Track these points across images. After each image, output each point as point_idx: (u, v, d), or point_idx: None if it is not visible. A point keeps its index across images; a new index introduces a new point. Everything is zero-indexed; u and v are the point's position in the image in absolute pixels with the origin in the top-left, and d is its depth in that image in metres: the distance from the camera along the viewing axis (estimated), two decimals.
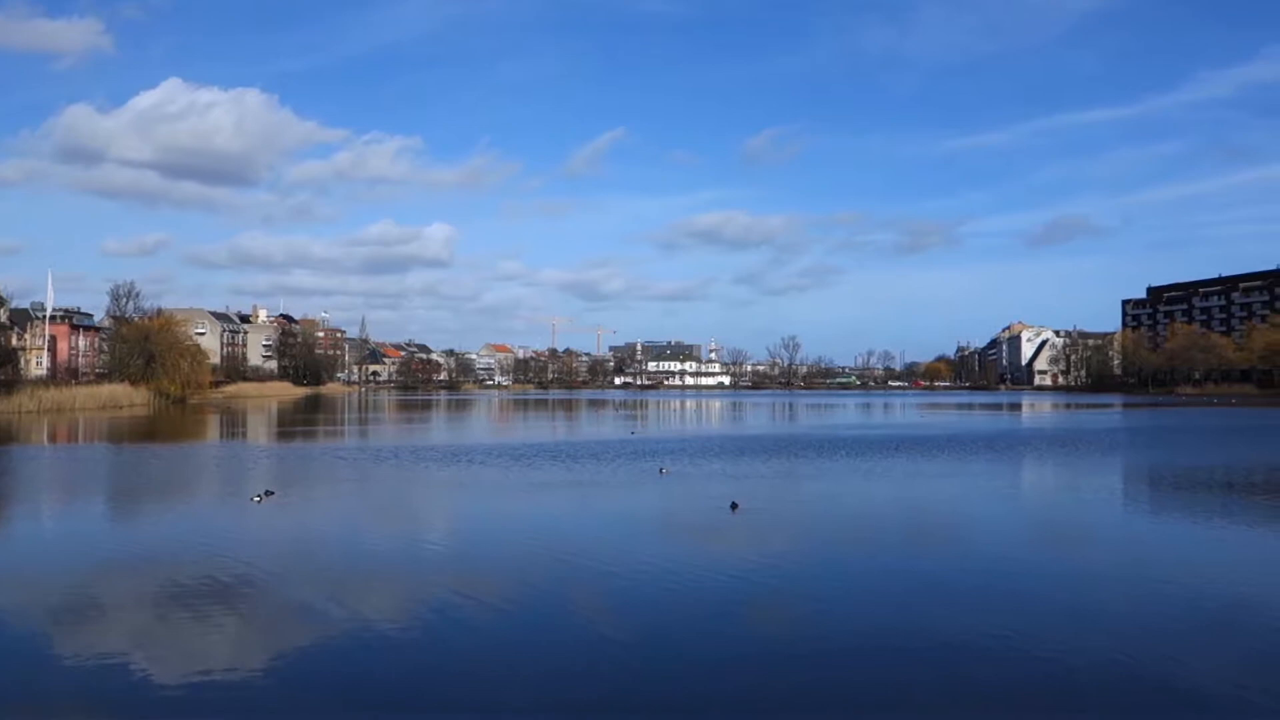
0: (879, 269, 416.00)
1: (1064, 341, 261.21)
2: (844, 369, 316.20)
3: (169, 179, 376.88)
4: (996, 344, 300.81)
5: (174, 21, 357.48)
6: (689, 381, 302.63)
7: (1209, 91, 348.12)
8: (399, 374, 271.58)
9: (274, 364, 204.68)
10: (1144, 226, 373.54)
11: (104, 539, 20.35)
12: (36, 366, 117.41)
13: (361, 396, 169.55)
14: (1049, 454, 42.36)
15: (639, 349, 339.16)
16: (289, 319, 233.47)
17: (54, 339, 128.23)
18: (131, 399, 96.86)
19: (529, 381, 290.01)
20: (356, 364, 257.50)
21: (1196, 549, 18.81)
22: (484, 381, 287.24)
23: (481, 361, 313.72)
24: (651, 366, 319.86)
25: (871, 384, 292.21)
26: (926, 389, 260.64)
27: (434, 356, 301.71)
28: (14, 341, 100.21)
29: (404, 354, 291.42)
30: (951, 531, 21.22)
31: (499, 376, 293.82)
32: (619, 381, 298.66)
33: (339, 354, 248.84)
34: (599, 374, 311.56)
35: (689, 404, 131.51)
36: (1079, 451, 43.02)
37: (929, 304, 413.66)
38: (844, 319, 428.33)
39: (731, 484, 28.38)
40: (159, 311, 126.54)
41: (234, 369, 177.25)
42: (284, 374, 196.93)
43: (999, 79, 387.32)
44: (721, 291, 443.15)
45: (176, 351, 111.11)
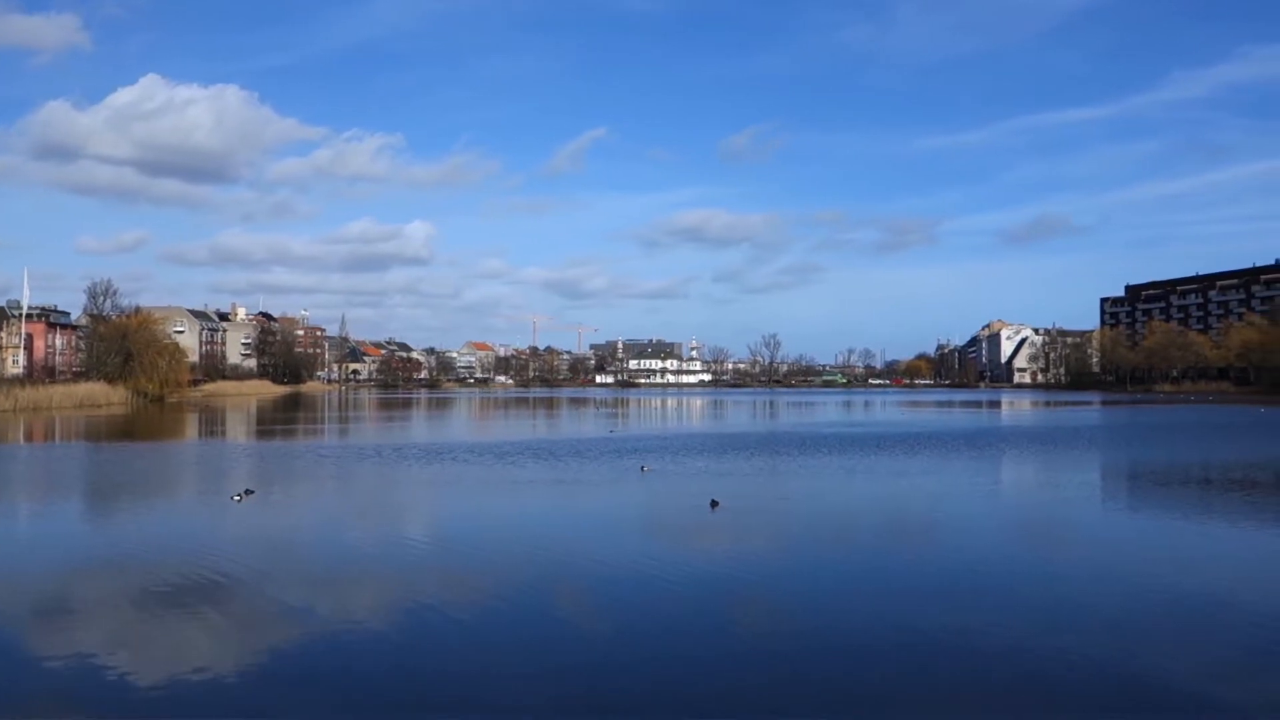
0: (860, 267, 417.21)
1: (1043, 339, 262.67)
2: (825, 367, 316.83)
3: (147, 176, 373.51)
4: (976, 342, 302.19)
5: (153, 18, 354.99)
6: (670, 380, 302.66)
7: (1186, 91, 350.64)
8: (379, 372, 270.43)
9: (253, 362, 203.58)
10: (1123, 225, 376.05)
11: (81, 539, 20.25)
12: (12, 365, 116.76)
13: (342, 395, 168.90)
14: (1028, 451, 42.66)
15: (620, 347, 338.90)
16: (268, 317, 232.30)
17: (30, 337, 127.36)
18: (109, 398, 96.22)
19: (510, 380, 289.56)
20: (336, 362, 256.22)
21: (1175, 546, 18.98)
22: (465, 380, 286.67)
23: (462, 360, 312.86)
24: (633, 365, 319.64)
25: (852, 382, 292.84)
26: (907, 387, 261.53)
27: (414, 355, 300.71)
28: None
29: (384, 352, 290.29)
30: (931, 529, 21.34)
31: (494, 376, 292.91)
32: (600, 380, 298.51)
33: (319, 352, 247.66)
34: (580, 372, 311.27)
35: (670, 402, 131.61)
36: (1058, 449, 43.33)
37: (909, 302, 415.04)
38: (825, 317, 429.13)
39: (712, 481, 28.45)
40: (137, 310, 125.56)
41: (213, 367, 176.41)
42: (263, 372, 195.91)
43: (979, 78, 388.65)
44: (703, 289, 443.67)
45: (154, 350, 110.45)
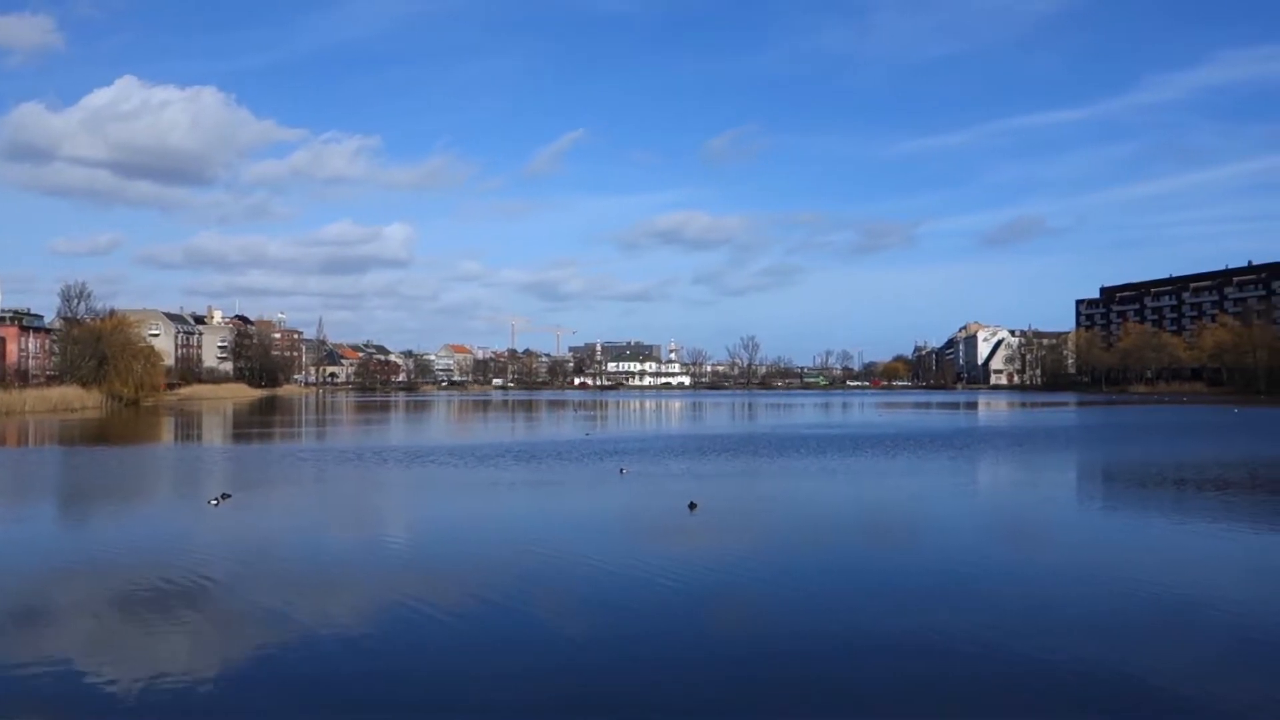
0: (838, 269, 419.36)
1: (1019, 341, 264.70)
2: (804, 369, 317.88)
3: (122, 178, 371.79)
4: (953, 343, 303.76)
5: (128, 19, 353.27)
6: (649, 382, 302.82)
7: (1161, 94, 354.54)
8: (357, 375, 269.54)
9: (229, 365, 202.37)
10: (1098, 227, 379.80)
11: (55, 544, 20.06)
12: None
13: (319, 398, 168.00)
14: (1006, 452, 42.92)
15: (599, 349, 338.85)
16: (245, 320, 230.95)
17: (2, 340, 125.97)
18: (83, 401, 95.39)
19: (488, 382, 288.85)
20: (314, 365, 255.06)
21: (1153, 546, 19.12)
22: (443, 382, 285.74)
23: (440, 362, 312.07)
24: (611, 367, 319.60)
25: (833, 383, 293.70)
26: (885, 388, 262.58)
27: (392, 358, 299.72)
28: None
29: (362, 355, 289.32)
30: (910, 530, 21.45)
31: (472, 378, 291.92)
32: (578, 382, 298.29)
33: (296, 355, 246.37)
34: (559, 374, 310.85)
35: (649, 404, 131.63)
36: (1035, 449, 43.65)
37: (887, 304, 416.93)
38: (803, 319, 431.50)
39: (691, 483, 28.49)
40: (111, 313, 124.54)
41: (189, 371, 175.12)
42: (240, 375, 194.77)
43: (956, 80, 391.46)
44: (681, 292, 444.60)
45: (129, 353, 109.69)
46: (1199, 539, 19.76)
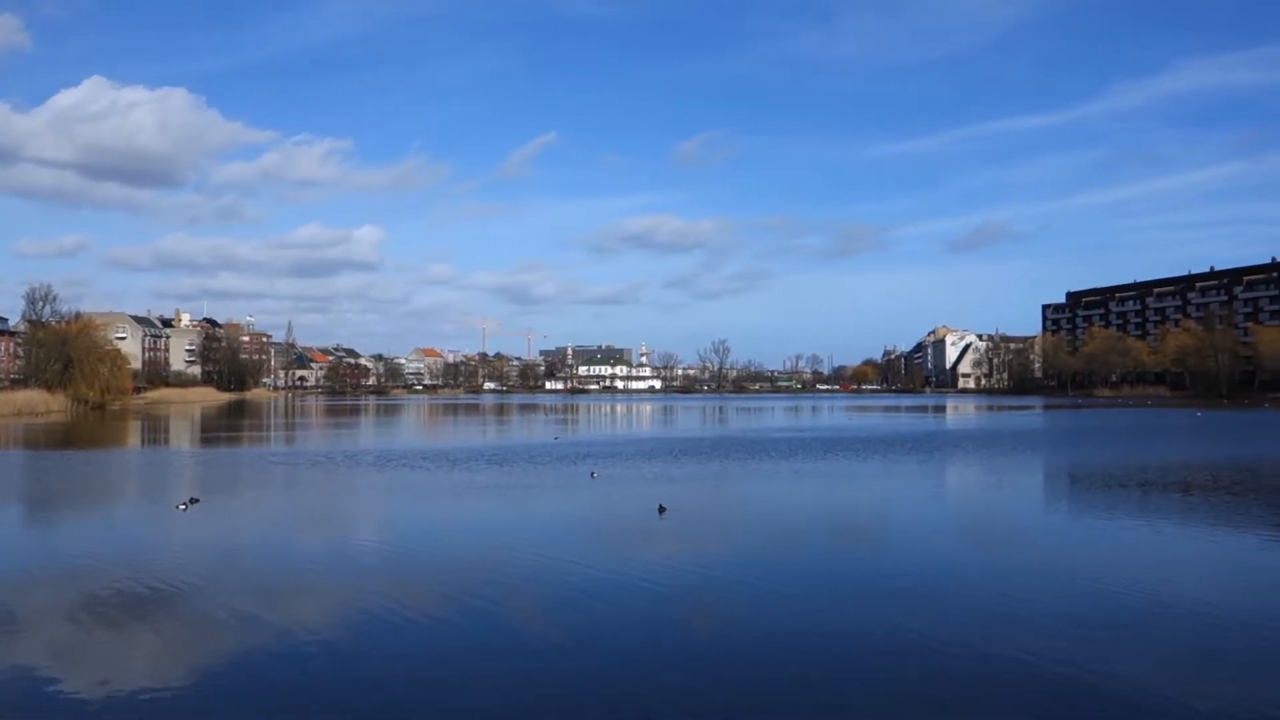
0: (808, 273, 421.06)
1: (987, 345, 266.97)
2: (774, 372, 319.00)
3: (90, 179, 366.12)
4: (922, 347, 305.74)
5: (97, 19, 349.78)
6: (619, 385, 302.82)
7: (1127, 102, 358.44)
8: (327, 379, 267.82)
9: (197, 369, 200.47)
10: (1064, 232, 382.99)
11: (19, 549, 19.87)
12: None
13: (288, 402, 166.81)
14: (974, 454, 43.33)
15: (570, 353, 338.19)
16: (213, 323, 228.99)
17: None
18: (48, 405, 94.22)
19: (458, 386, 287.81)
20: (283, 369, 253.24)
21: (1118, 547, 19.36)
22: (413, 386, 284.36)
23: (410, 366, 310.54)
24: (582, 371, 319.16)
25: (804, 387, 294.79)
26: (854, 392, 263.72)
27: (362, 361, 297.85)
28: None
29: (332, 359, 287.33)
30: (879, 532, 21.64)
31: (443, 382, 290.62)
32: (550, 386, 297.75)
33: (265, 359, 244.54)
34: (530, 378, 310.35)
35: (620, 408, 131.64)
36: (1003, 452, 44.07)
37: (857, 308, 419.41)
38: (773, 323, 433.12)
39: (662, 487, 28.58)
40: (77, 315, 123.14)
41: (156, 374, 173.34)
42: (208, 379, 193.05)
43: (927, 86, 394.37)
44: (653, 295, 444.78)
45: (95, 356, 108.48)
46: (1164, 541, 20.05)
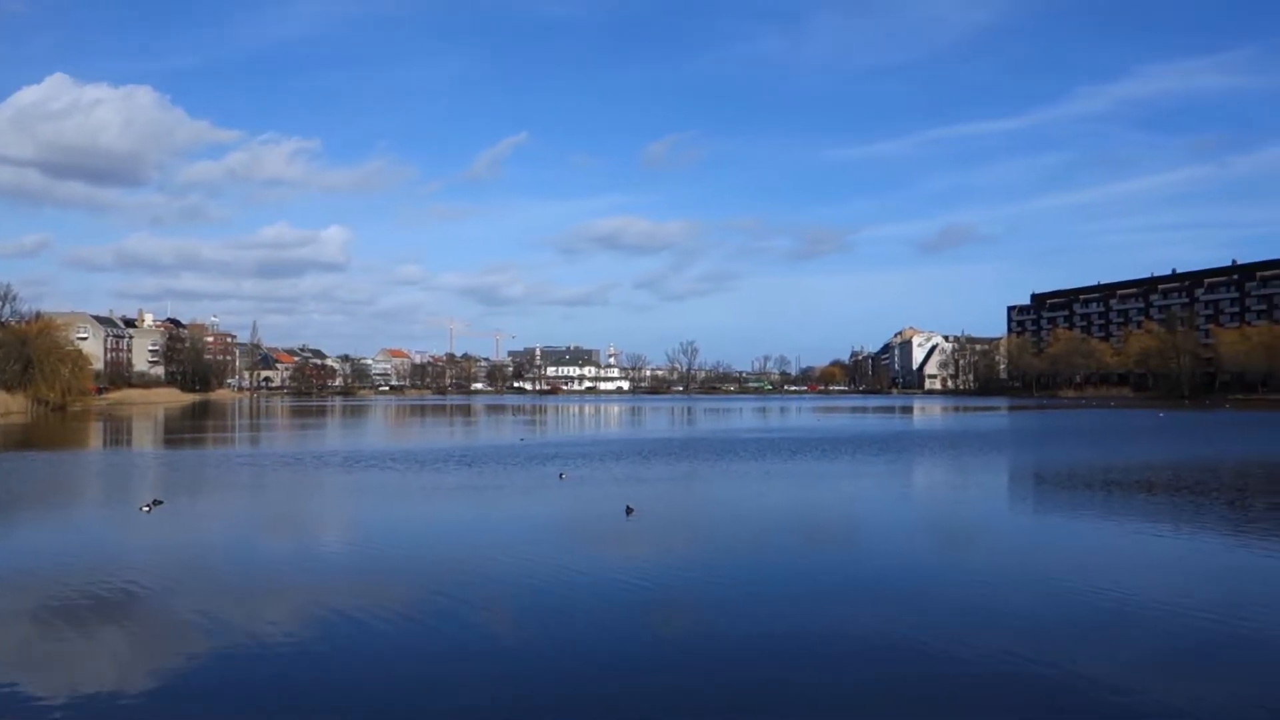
0: (776, 274, 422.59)
1: (953, 346, 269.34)
2: (742, 373, 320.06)
3: (51, 178, 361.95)
4: (889, 349, 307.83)
5: (60, 16, 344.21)
6: (588, 386, 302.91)
7: (1090, 106, 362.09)
8: (292, 380, 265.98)
9: (161, 370, 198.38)
10: (1029, 235, 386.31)
11: None
12: None
13: (253, 402, 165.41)
14: (941, 455, 43.66)
15: (538, 354, 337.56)
16: (177, 323, 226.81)
17: None
18: (8, 406, 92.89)
19: (426, 387, 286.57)
20: (248, 370, 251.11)
21: (1083, 547, 19.53)
22: (380, 387, 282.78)
23: (378, 367, 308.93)
24: (551, 372, 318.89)
25: (773, 388, 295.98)
26: (822, 393, 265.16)
27: (329, 362, 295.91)
28: None
29: (298, 359, 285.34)
30: (847, 532, 21.72)
31: (410, 383, 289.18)
32: (518, 386, 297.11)
33: (229, 359, 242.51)
34: (498, 379, 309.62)
35: (588, 409, 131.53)
36: (970, 452, 44.43)
37: (825, 309, 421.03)
38: (742, 324, 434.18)
39: (630, 488, 28.56)
40: (38, 315, 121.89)
41: (118, 375, 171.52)
42: (171, 380, 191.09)
43: (893, 89, 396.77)
44: (621, 297, 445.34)
45: (56, 357, 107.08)
46: (1129, 540, 20.25)
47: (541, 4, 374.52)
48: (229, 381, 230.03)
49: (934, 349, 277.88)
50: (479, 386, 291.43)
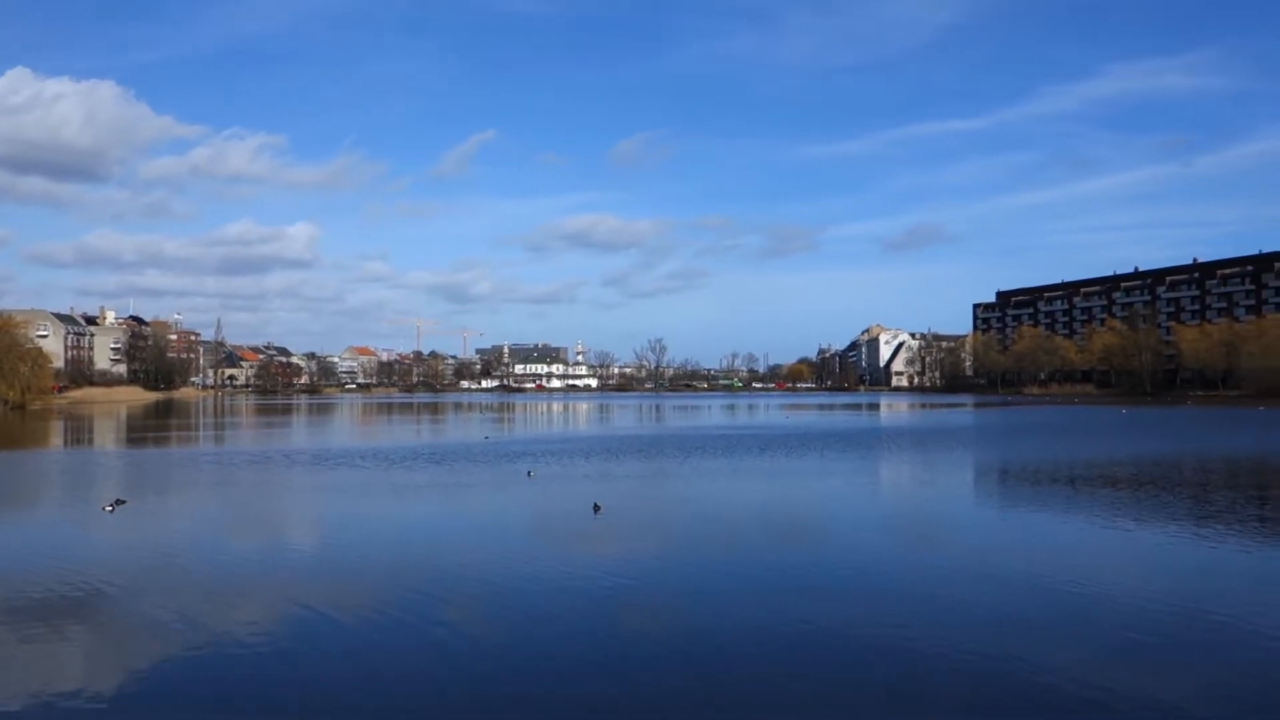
0: (744, 272, 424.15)
1: (919, 344, 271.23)
2: (710, 371, 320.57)
3: (11, 173, 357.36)
4: (856, 346, 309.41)
5: (21, 9, 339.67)
6: (556, 384, 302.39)
7: (1055, 105, 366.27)
8: (257, 378, 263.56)
9: (123, 368, 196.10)
10: (994, 233, 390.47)
11: None
12: None
13: (217, 401, 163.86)
14: (908, 451, 43.93)
15: (506, 351, 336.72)
16: (139, 321, 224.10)
17: None
18: None
19: (393, 385, 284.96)
20: (212, 368, 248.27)
21: (1048, 544, 19.71)
22: (347, 385, 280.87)
23: (344, 364, 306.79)
24: (519, 369, 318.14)
25: (741, 385, 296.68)
26: (789, 390, 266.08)
27: (294, 360, 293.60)
28: None
29: (263, 357, 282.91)
30: (815, 529, 21.80)
31: (376, 381, 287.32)
32: (486, 384, 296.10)
33: (193, 357, 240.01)
34: (466, 377, 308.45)
35: (556, 407, 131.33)
36: (936, 449, 44.73)
37: (792, 307, 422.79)
38: (710, 322, 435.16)
39: (597, 485, 28.55)
40: None
41: (80, 373, 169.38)
42: (134, 378, 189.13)
43: (861, 88, 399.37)
44: (590, 294, 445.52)
45: (15, 355, 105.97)
46: (1092, 535, 20.44)
47: (511, 1, 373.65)
48: (193, 380, 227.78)
49: (901, 346, 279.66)
50: (447, 384, 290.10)
